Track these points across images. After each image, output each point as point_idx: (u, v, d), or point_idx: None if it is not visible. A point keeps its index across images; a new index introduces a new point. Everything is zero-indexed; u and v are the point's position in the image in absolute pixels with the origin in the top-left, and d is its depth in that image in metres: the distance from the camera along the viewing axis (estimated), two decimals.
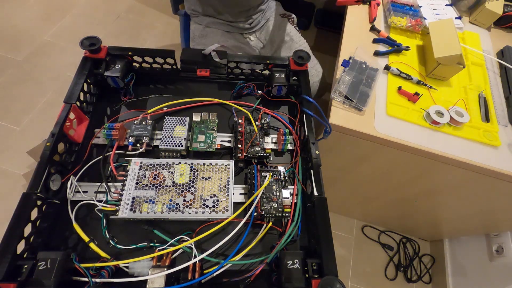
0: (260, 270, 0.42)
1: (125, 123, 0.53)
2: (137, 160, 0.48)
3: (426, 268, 1.24)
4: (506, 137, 0.68)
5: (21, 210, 0.39)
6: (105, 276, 0.39)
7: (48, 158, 0.43)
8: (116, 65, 0.55)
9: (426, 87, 0.73)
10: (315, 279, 0.37)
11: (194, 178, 0.48)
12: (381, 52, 0.78)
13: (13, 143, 1.28)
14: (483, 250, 1.01)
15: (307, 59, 0.58)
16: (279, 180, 0.49)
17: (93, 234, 0.43)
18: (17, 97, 1.40)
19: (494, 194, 0.74)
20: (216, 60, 0.59)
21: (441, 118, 0.66)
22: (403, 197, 0.95)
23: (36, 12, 1.71)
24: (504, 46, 0.84)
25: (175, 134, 0.52)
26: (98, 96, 0.58)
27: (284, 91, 0.60)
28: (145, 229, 0.45)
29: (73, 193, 0.46)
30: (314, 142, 0.49)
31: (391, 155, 0.70)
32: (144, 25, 1.75)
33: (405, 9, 0.87)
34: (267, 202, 0.46)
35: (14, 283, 0.34)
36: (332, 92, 0.69)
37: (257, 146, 0.52)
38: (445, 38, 0.72)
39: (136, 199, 0.45)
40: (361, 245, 1.27)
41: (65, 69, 1.51)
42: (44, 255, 0.36)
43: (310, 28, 1.89)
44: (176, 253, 0.43)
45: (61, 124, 0.46)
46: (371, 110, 0.68)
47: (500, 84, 0.78)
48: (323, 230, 0.41)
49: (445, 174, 0.72)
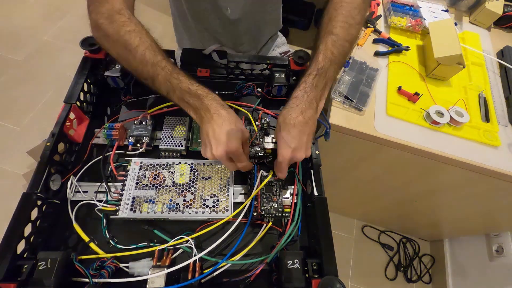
0: (260, 270, 0.42)
1: (125, 123, 0.53)
2: (137, 160, 0.48)
3: (426, 268, 1.24)
4: (506, 137, 0.68)
5: (21, 210, 0.39)
6: (105, 276, 0.39)
7: (48, 158, 0.43)
8: (116, 65, 0.55)
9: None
10: (315, 279, 0.37)
11: (194, 178, 0.48)
12: (381, 52, 0.78)
13: (13, 143, 1.28)
14: (483, 250, 1.01)
15: (307, 59, 0.58)
16: (279, 180, 0.49)
17: (93, 234, 0.43)
18: (17, 97, 1.40)
19: (494, 194, 0.74)
20: (216, 60, 0.59)
21: (441, 118, 0.66)
22: (403, 197, 0.95)
23: (36, 12, 1.71)
24: (504, 46, 0.84)
25: (175, 134, 0.52)
26: (98, 96, 0.58)
27: (284, 91, 0.60)
28: (145, 229, 0.45)
29: (73, 193, 0.46)
30: (314, 142, 0.49)
31: (391, 155, 0.70)
32: (144, 25, 1.75)
33: (405, 9, 0.87)
34: (267, 202, 0.46)
35: (14, 283, 0.34)
36: (332, 92, 0.69)
37: (257, 146, 0.52)
38: (445, 38, 0.72)
39: (136, 199, 0.45)
40: (361, 245, 1.27)
41: (65, 69, 1.51)
42: (44, 255, 0.36)
43: (310, 28, 1.89)
44: (176, 253, 0.43)
45: (61, 124, 0.46)
46: (371, 110, 0.68)
47: (500, 84, 0.78)
48: (323, 230, 0.41)
49: (445, 174, 0.72)
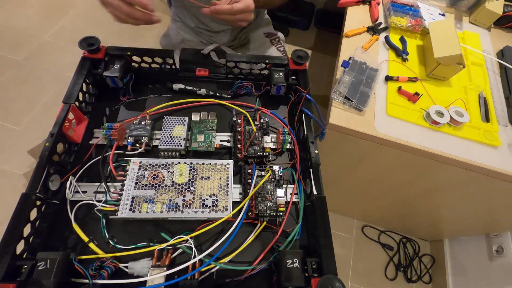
0: (260, 270, 0.42)
1: (124, 123, 0.53)
2: (136, 160, 0.48)
3: (426, 268, 1.24)
4: (506, 137, 0.68)
5: (20, 210, 0.39)
6: (104, 276, 0.39)
7: (47, 159, 0.43)
8: (115, 65, 0.55)
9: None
10: (315, 278, 0.37)
11: (193, 178, 0.48)
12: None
13: (13, 143, 1.28)
14: (483, 250, 1.01)
15: (306, 58, 0.58)
16: (274, 180, 0.49)
17: (92, 234, 0.43)
18: (17, 97, 1.40)
19: (494, 194, 0.74)
20: (215, 59, 0.59)
21: (441, 118, 0.66)
22: (403, 197, 0.95)
23: (36, 12, 1.71)
24: (504, 46, 0.84)
25: (174, 134, 0.51)
26: (97, 96, 0.58)
27: (283, 91, 0.60)
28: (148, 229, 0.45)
29: (73, 193, 0.46)
30: (313, 141, 0.49)
31: (391, 155, 0.70)
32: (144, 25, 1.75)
33: (405, 9, 0.87)
34: (261, 201, 0.46)
35: (14, 283, 0.34)
36: (332, 92, 0.69)
37: (256, 146, 0.52)
38: (445, 38, 0.72)
39: (136, 199, 0.45)
40: (361, 245, 1.27)
41: (65, 69, 1.51)
42: (43, 255, 0.36)
43: (310, 28, 1.89)
44: (176, 253, 0.43)
45: (60, 124, 0.46)
46: (371, 110, 0.68)
47: (500, 84, 0.78)
48: (323, 229, 0.41)
49: (445, 174, 0.72)
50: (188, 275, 0.38)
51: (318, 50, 1.81)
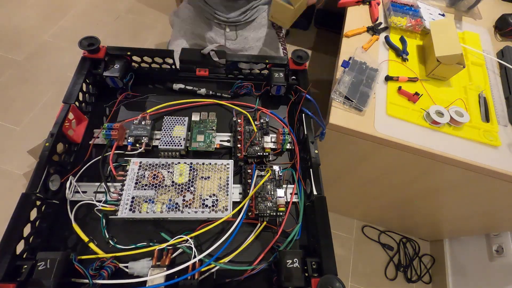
0: (260, 270, 0.42)
1: (124, 123, 0.53)
2: (136, 160, 0.48)
3: (426, 268, 1.24)
4: (506, 137, 0.68)
5: (20, 211, 0.39)
6: (104, 276, 0.39)
7: (47, 158, 0.43)
8: (115, 65, 0.55)
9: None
10: (315, 278, 0.37)
11: (193, 178, 0.48)
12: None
13: (13, 143, 1.28)
14: (483, 250, 1.01)
15: (306, 58, 0.58)
16: (274, 180, 0.49)
17: (92, 234, 0.43)
18: (17, 97, 1.40)
19: (494, 194, 0.74)
20: (215, 59, 0.59)
21: (441, 118, 0.66)
22: (403, 197, 0.95)
23: (36, 12, 1.71)
24: (504, 46, 0.84)
25: (174, 134, 0.51)
26: (97, 96, 0.58)
27: (283, 91, 0.60)
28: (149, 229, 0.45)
29: (72, 193, 0.46)
30: (313, 142, 0.49)
31: (391, 155, 0.70)
32: (144, 25, 1.75)
33: (405, 9, 0.87)
34: (261, 201, 0.46)
35: (14, 283, 0.34)
36: (332, 92, 0.69)
37: (256, 146, 0.52)
38: (446, 38, 0.72)
39: (136, 199, 0.45)
40: (361, 245, 1.27)
41: (65, 69, 1.51)
42: (43, 255, 0.36)
43: (310, 28, 1.89)
44: (176, 253, 0.43)
45: (60, 124, 0.46)
46: (371, 110, 0.68)
47: (500, 84, 0.78)
48: (322, 229, 0.41)
49: (445, 174, 0.72)
50: (188, 275, 0.38)
51: (318, 50, 1.81)
